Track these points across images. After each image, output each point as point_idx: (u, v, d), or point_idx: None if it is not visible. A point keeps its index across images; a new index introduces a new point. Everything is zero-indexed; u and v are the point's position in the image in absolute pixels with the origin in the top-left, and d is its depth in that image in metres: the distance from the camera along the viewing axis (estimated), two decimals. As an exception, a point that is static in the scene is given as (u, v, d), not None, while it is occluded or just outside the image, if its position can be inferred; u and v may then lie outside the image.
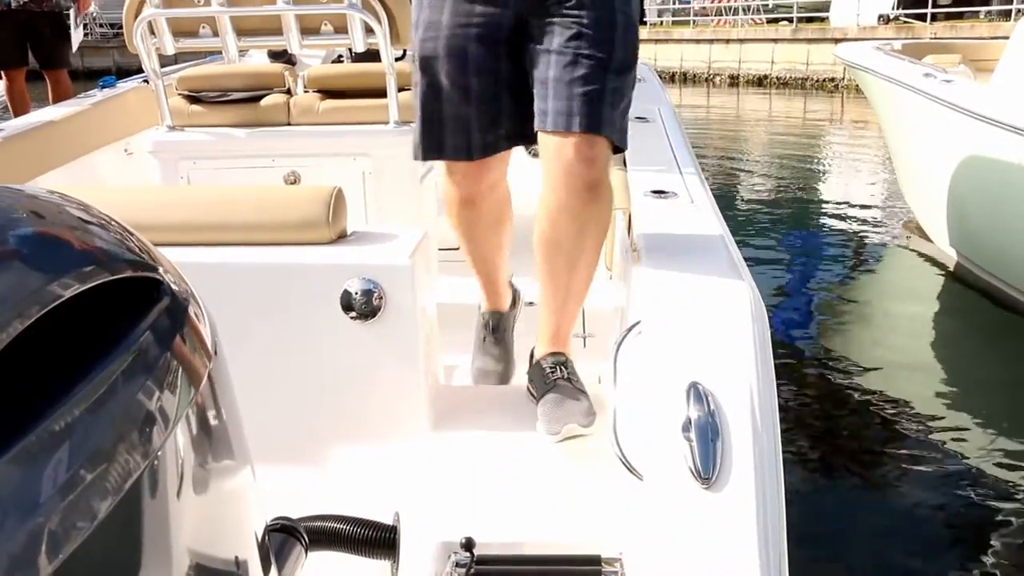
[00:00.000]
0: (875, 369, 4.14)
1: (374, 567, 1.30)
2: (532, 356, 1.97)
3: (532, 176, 2.03)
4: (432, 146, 1.90)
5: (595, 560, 1.34)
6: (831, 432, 3.66)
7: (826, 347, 4.48)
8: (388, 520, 1.28)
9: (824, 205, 7.54)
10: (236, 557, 0.78)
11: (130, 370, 0.64)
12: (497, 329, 2.20)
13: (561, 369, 1.88)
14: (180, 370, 0.70)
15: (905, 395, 3.85)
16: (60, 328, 0.61)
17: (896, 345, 4.47)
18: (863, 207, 7.19)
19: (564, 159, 1.75)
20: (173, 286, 0.74)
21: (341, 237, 1.90)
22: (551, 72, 1.75)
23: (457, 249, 2.23)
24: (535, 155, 3.13)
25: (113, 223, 0.72)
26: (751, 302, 1.54)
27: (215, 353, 0.77)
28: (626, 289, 1.86)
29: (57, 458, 0.54)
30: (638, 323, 1.55)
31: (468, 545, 1.38)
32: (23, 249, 0.63)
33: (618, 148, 1.81)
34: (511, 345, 2.23)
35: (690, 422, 1.28)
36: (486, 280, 2.20)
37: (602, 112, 1.72)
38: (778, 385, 1.46)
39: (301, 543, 1.10)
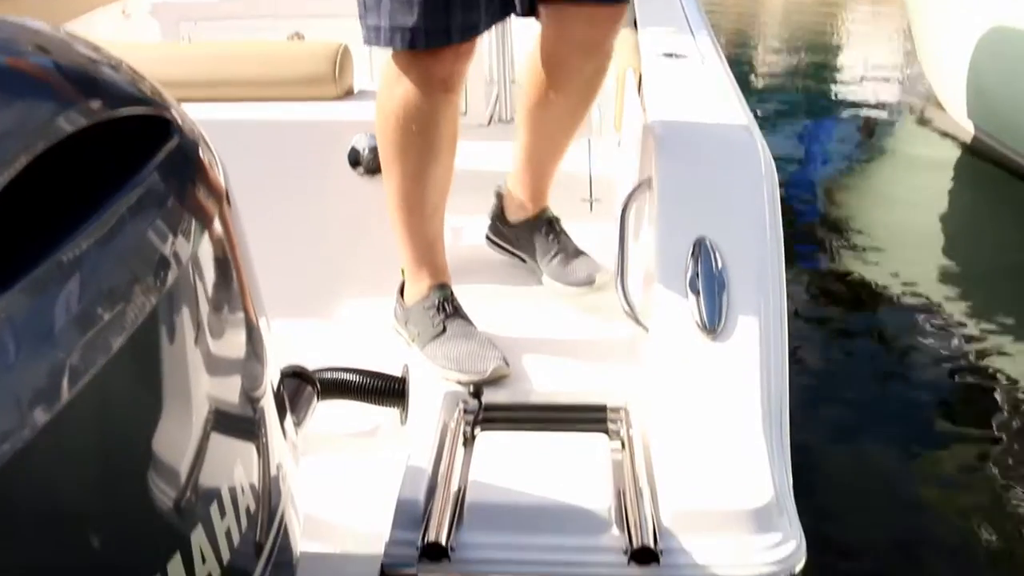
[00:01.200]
0: (885, 241, 4.11)
1: (384, 415, 1.33)
2: (502, 213, 1.91)
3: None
4: (439, 27, 1.49)
5: (600, 408, 1.38)
6: (837, 305, 3.64)
7: (837, 217, 4.45)
8: (397, 372, 1.31)
9: (840, 75, 7.37)
10: (252, 399, 0.80)
11: (140, 205, 0.64)
12: (456, 305, 1.67)
13: (556, 225, 1.87)
14: (191, 208, 0.70)
15: (916, 270, 3.78)
16: (70, 163, 0.60)
17: (908, 218, 4.43)
18: (880, 78, 7.02)
19: (587, 30, 1.62)
20: (184, 127, 0.74)
21: (348, 94, 1.88)
22: None
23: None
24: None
25: (123, 64, 0.71)
26: (762, 160, 1.53)
27: (228, 203, 0.77)
28: (635, 148, 1.85)
29: (66, 290, 0.53)
30: (647, 180, 1.55)
31: (477, 392, 1.41)
32: (27, 81, 0.62)
33: None
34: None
35: (697, 275, 1.29)
36: (434, 239, 1.70)
37: None
38: (785, 253, 1.46)
39: (313, 389, 1.12)
